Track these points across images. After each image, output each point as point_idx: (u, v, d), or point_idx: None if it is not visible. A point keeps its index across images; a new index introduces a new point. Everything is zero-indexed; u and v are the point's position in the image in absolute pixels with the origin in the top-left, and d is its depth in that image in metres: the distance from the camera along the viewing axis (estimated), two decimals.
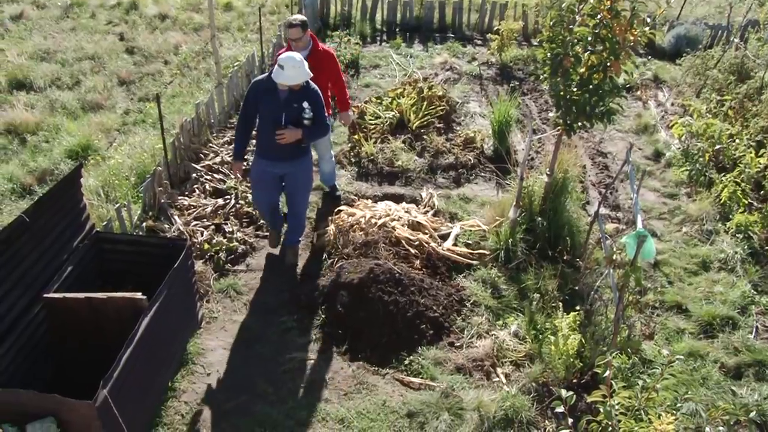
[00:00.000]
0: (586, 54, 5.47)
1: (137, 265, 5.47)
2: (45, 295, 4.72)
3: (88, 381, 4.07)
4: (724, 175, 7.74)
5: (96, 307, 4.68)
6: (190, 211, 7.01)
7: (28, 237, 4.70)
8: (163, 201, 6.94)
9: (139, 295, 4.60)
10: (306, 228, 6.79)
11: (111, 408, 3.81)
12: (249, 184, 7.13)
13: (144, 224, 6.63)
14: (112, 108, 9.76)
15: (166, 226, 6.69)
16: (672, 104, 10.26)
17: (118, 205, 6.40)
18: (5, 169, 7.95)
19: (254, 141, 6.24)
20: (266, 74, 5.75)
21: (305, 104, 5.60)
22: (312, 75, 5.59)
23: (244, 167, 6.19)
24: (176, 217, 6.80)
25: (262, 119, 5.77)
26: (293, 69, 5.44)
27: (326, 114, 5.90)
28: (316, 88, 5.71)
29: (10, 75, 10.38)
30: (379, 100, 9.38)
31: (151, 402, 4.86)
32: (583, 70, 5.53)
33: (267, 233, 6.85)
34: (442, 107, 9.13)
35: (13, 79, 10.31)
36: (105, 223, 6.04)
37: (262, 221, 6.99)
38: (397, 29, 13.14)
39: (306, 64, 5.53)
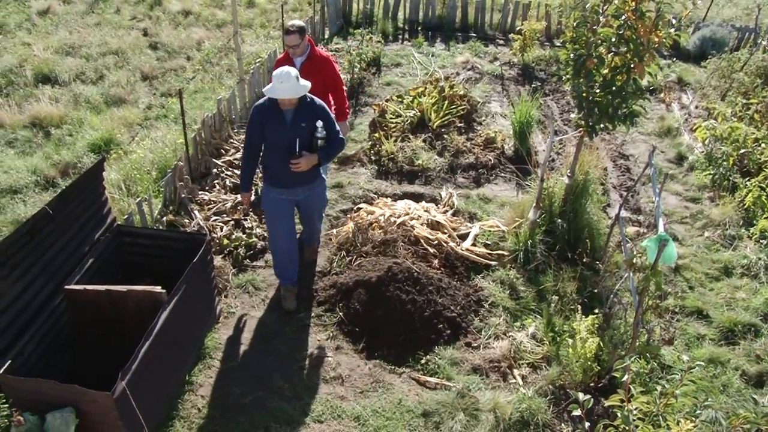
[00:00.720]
0: (609, 55, 5.42)
1: (157, 259, 5.52)
2: (66, 287, 4.77)
3: (107, 372, 4.12)
4: (748, 180, 7.64)
5: (116, 300, 4.73)
6: (210, 206, 7.04)
7: (51, 228, 4.76)
8: (183, 196, 6.98)
9: (158, 288, 4.65)
10: (321, 234, 6.74)
11: (129, 399, 3.85)
12: (256, 215, 7.02)
13: (164, 218, 6.67)
14: (135, 103, 9.85)
15: (186, 220, 6.74)
16: (696, 107, 10.15)
17: (139, 199, 6.46)
18: (30, 162, 8.05)
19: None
20: (266, 98, 5.27)
21: (319, 123, 5.22)
22: (309, 86, 5.19)
23: (252, 198, 5.79)
24: (196, 212, 6.84)
25: (271, 146, 5.30)
26: (288, 82, 5.00)
27: (338, 127, 5.49)
28: (322, 103, 5.35)
29: (36, 69, 10.52)
30: (400, 99, 9.38)
31: (168, 395, 4.90)
32: (606, 71, 5.49)
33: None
34: (463, 107, 9.10)
35: (39, 73, 10.45)
36: (126, 216, 6.10)
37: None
38: (420, 28, 13.12)
39: (300, 80, 5.16)
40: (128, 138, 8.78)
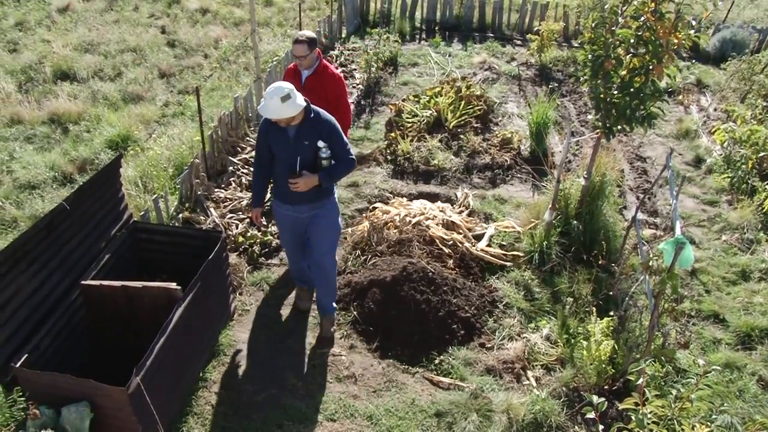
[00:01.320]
0: (627, 56, 5.39)
1: (172, 256, 5.55)
2: (83, 282, 4.81)
3: (122, 367, 4.14)
4: (767, 183, 7.56)
5: (131, 296, 4.76)
6: (225, 204, 7.08)
7: (68, 224, 4.79)
8: (199, 193, 7.02)
9: (173, 285, 4.67)
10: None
11: (143, 395, 3.87)
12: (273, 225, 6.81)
13: (180, 215, 6.71)
14: (152, 100, 9.91)
15: (202, 217, 6.77)
16: (715, 109, 10.06)
17: (155, 195, 6.49)
18: (48, 158, 8.12)
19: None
20: None
21: (320, 143, 4.85)
22: (303, 106, 4.72)
23: (266, 207, 5.48)
24: (212, 210, 6.88)
25: (276, 160, 5.04)
26: (272, 99, 4.60)
27: (347, 144, 5.05)
28: (329, 118, 4.93)
29: (55, 66, 10.61)
30: (416, 99, 9.37)
31: (182, 391, 4.93)
32: (624, 72, 5.45)
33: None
34: (479, 107, 9.08)
35: (58, 70, 10.54)
36: (142, 213, 6.14)
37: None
38: (437, 28, 13.10)
39: (297, 97, 4.68)
40: (145, 135, 8.83)
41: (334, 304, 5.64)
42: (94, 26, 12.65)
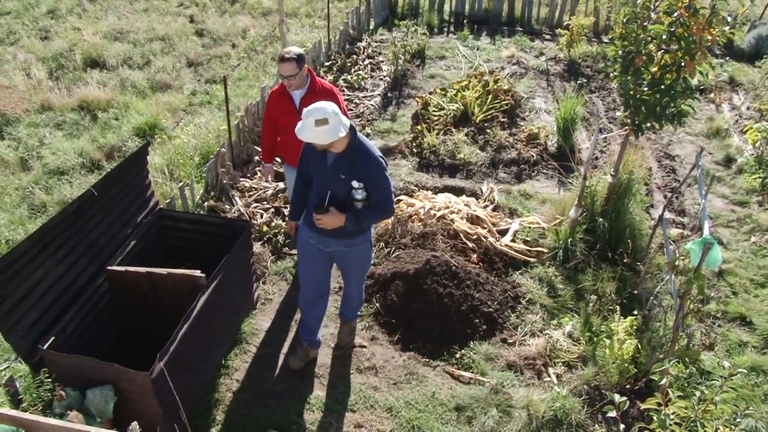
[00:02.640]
0: (659, 53, 5.31)
1: (197, 244, 5.59)
2: (108, 267, 4.87)
3: (146, 353, 4.19)
4: None
5: (156, 282, 4.81)
6: (251, 193, 7.12)
7: (95, 210, 4.86)
8: (225, 182, 7.07)
9: (198, 272, 4.71)
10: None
11: (166, 380, 3.91)
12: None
13: (205, 204, 6.77)
14: (180, 88, 9.98)
15: (227, 206, 6.82)
16: (747, 108, 9.88)
17: (181, 183, 6.55)
18: (76, 144, 8.23)
19: None
20: None
21: (355, 183, 4.33)
22: (341, 136, 4.16)
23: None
24: (237, 199, 6.92)
25: (312, 183, 4.61)
26: (309, 121, 4.11)
27: (390, 190, 4.50)
28: (375, 157, 4.37)
29: (85, 53, 10.73)
30: (443, 92, 9.33)
31: (204, 377, 4.97)
32: (655, 69, 5.38)
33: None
34: (507, 101, 9.02)
35: (88, 58, 10.66)
36: (168, 200, 6.20)
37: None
38: (465, 21, 13.01)
39: (338, 124, 4.14)
40: (172, 123, 8.90)
41: (358, 314, 5.46)
42: (124, 14, 12.77)
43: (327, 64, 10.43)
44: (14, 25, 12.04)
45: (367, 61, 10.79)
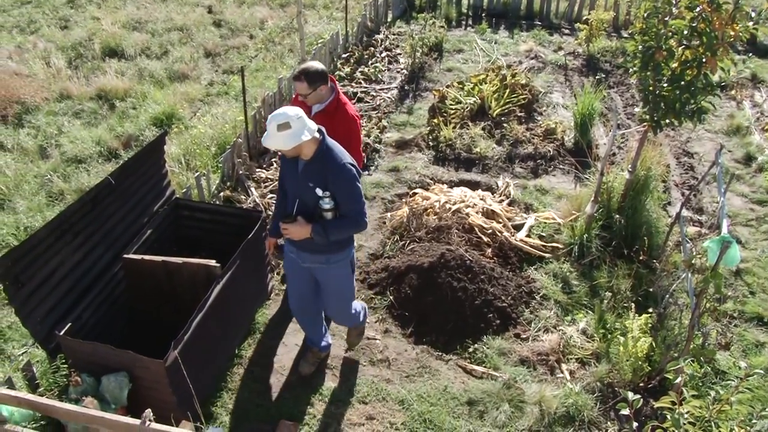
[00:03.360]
0: (680, 48, 5.25)
1: (213, 233, 5.62)
2: (124, 256, 4.91)
3: (160, 341, 4.23)
4: None
5: (171, 271, 4.84)
6: (266, 184, 7.13)
7: (112, 198, 4.90)
8: (241, 172, 7.09)
9: (213, 262, 4.74)
10: (376, 216, 6.37)
11: (180, 368, 3.94)
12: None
13: (221, 194, 6.79)
14: (197, 79, 10.01)
15: (243, 197, 6.84)
16: None
17: (197, 173, 6.58)
18: (94, 133, 8.28)
19: None
20: None
21: (319, 191, 4.08)
22: (304, 141, 3.95)
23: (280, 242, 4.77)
24: (253, 189, 6.94)
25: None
26: (271, 126, 3.93)
27: (360, 200, 4.22)
28: (341, 163, 4.10)
29: (104, 43, 10.79)
30: (460, 85, 9.30)
31: (217, 366, 5.01)
32: (675, 65, 5.32)
33: None
34: (524, 96, 8.97)
35: (107, 47, 10.71)
36: (184, 190, 6.23)
37: None
38: (483, 14, 12.93)
39: (300, 129, 3.93)
40: (189, 113, 8.93)
41: (361, 318, 5.08)
42: (143, 4, 12.81)
43: (344, 56, 10.41)
44: (35, 14, 12.12)
45: (384, 54, 10.76)
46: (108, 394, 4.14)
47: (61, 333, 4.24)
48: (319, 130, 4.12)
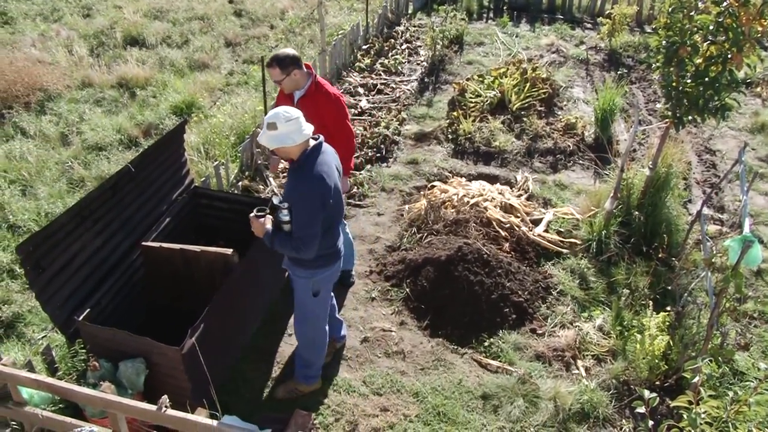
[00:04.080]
0: (705, 44, 5.18)
1: (230, 222, 5.65)
2: (143, 243, 4.94)
3: (177, 329, 4.25)
4: None
5: (189, 259, 4.86)
6: (285, 174, 7.14)
7: (132, 186, 4.93)
8: (259, 162, 7.11)
9: (230, 251, 4.75)
10: (393, 209, 6.45)
11: (197, 356, 3.97)
12: None
13: (240, 183, 6.82)
14: (218, 68, 10.04)
15: (261, 186, 6.87)
16: None
17: (216, 162, 6.61)
18: (115, 121, 8.34)
19: None
20: None
21: (275, 199, 4.06)
22: (285, 145, 3.94)
23: None
24: (271, 179, 6.96)
25: None
26: (265, 125, 3.97)
27: (303, 227, 3.98)
28: (306, 180, 3.98)
29: (125, 31, 10.85)
30: (480, 79, 9.25)
31: (233, 355, 5.04)
32: (699, 60, 5.25)
33: (359, 202, 6.74)
34: (544, 90, 8.91)
35: (128, 36, 10.78)
36: (203, 179, 6.26)
37: (354, 189, 7.08)
38: (505, 7, 12.82)
39: (286, 132, 3.90)
40: (209, 102, 8.96)
41: (304, 376, 4.84)
42: None
43: (365, 47, 10.40)
44: (58, 2, 12.20)
45: (404, 46, 10.73)
46: (125, 380, 4.18)
47: (80, 318, 4.28)
48: (317, 141, 4.09)
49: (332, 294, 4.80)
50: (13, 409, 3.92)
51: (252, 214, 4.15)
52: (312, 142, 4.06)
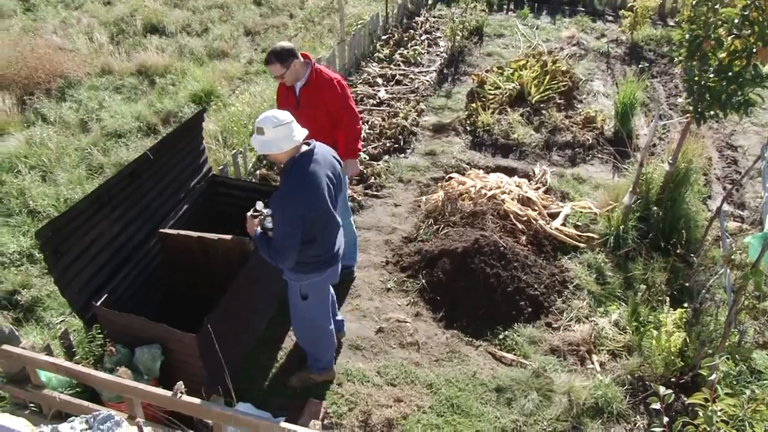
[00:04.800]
0: (729, 38, 5.11)
1: (247, 211, 5.65)
2: (161, 230, 4.97)
3: (193, 316, 4.28)
4: None
5: (206, 247, 4.89)
6: None
7: (151, 173, 4.96)
8: None
9: (247, 239, 4.76)
10: (410, 200, 6.52)
11: (212, 343, 3.99)
12: None
13: (257, 172, 6.84)
14: (237, 57, 10.06)
15: (278, 176, 6.87)
16: None
17: (234, 151, 6.63)
18: (134, 108, 8.39)
19: None
20: None
21: (259, 204, 4.11)
22: (270, 153, 3.95)
23: None
24: None
25: None
26: (256, 131, 3.93)
27: (280, 237, 3.95)
28: (286, 188, 3.95)
29: (146, 19, 10.90)
30: (500, 70, 9.20)
31: (248, 343, 5.06)
32: (723, 55, 5.18)
33: (376, 192, 6.77)
34: (564, 83, 8.84)
35: (148, 24, 10.83)
36: (221, 167, 6.28)
37: (371, 180, 7.09)
38: None
39: (273, 138, 3.87)
40: (228, 91, 8.99)
41: (316, 367, 4.87)
42: None
43: (384, 37, 10.37)
44: None
45: (424, 37, 10.69)
46: (141, 365, 4.21)
47: (98, 304, 4.32)
48: (309, 147, 4.03)
49: (332, 292, 4.81)
50: (31, 391, 3.97)
51: (249, 213, 4.13)
52: (304, 148, 4.00)
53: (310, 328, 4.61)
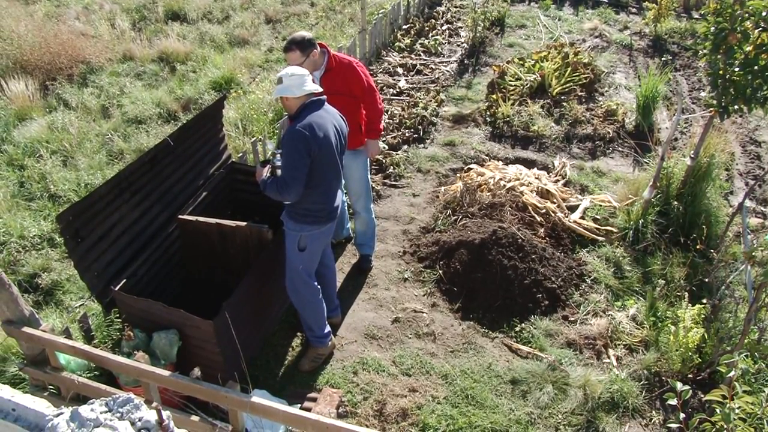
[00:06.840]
0: (756, 31, 5.03)
1: (266, 198, 5.67)
2: (180, 216, 5.00)
3: (210, 302, 4.31)
4: None
5: (224, 234, 4.91)
6: None
7: (170, 159, 4.98)
8: None
9: (265, 227, 4.78)
10: (429, 190, 6.53)
11: (229, 329, 4.01)
12: None
13: None
14: (257, 45, 10.07)
15: None
16: None
17: (254, 138, 6.64)
18: (155, 95, 8.43)
19: None
20: None
21: (269, 145, 4.83)
22: (278, 95, 4.36)
23: None
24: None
25: None
26: (276, 81, 4.41)
27: (289, 169, 4.24)
28: (297, 124, 4.25)
29: (167, 6, 10.94)
30: (521, 62, 9.14)
31: (265, 330, 5.08)
32: (749, 48, 5.10)
33: (395, 182, 6.76)
34: (586, 75, 8.77)
35: (170, 10, 10.87)
36: (240, 154, 6.30)
37: (390, 170, 7.09)
38: None
39: (287, 86, 4.30)
40: (248, 78, 9.00)
41: (314, 338, 4.95)
42: None
43: (405, 27, 10.33)
44: None
45: (445, 27, 10.64)
46: (158, 350, 4.25)
47: (117, 288, 4.36)
48: (319, 97, 4.43)
49: (335, 270, 5.17)
50: (50, 373, 4.03)
51: (257, 164, 4.49)
52: (314, 98, 4.41)
53: (300, 282, 4.71)
